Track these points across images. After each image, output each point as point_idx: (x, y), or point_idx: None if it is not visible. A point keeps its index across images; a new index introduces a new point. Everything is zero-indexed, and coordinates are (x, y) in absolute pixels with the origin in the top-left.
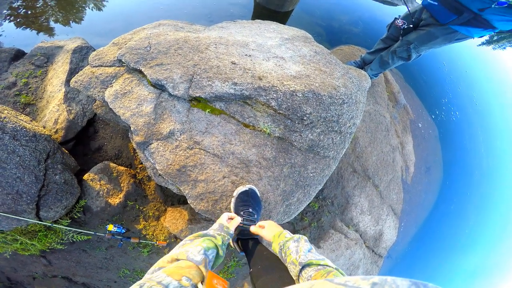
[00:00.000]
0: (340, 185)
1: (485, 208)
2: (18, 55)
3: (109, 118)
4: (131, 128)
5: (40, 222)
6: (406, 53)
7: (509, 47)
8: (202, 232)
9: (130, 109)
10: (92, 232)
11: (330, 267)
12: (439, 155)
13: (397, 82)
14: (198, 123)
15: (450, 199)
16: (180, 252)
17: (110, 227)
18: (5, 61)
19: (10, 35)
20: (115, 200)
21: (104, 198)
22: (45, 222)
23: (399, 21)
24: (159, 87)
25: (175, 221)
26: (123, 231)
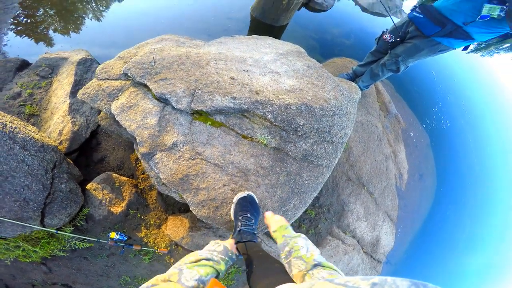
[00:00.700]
0: (336, 193)
1: (480, 212)
2: (23, 65)
3: (112, 130)
4: (137, 140)
5: (44, 229)
6: (395, 65)
7: (496, 54)
8: (207, 256)
9: (136, 121)
10: (95, 239)
11: (340, 274)
12: (432, 163)
13: (387, 92)
14: (199, 135)
15: (445, 205)
16: (174, 273)
17: (113, 235)
18: (10, 71)
19: (15, 44)
20: (117, 209)
21: (106, 207)
22: (49, 229)
23: (386, 35)
24: (163, 100)
25: (176, 228)
26: (125, 239)
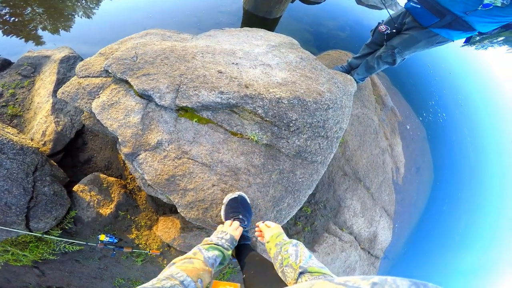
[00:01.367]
0: (332, 188)
1: (476, 206)
2: (4, 65)
3: (97, 129)
4: (119, 139)
5: (30, 233)
6: (391, 57)
7: (490, 47)
8: (217, 242)
9: (118, 120)
10: (84, 242)
11: (332, 277)
12: (428, 156)
13: (383, 85)
14: (185, 132)
15: (442, 199)
16: (196, 251)
17: (102, 237)
18: None
19: (2, 44)
20: (106, 211)
21: (95, 209)
22: (35, 233)
23: (382, 26)
24: (146, 97)
25: (168, 230)
26: (116, 241)
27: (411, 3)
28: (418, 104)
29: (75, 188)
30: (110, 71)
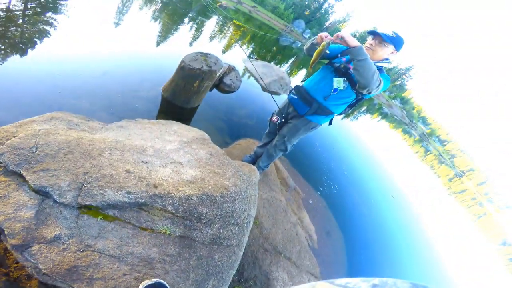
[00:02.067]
0: (257, 265)
1: (388, 250)
2: None
3: None
4: (5, 232)
5: None
6: (283, 145)
7: (359, 117)
8: None
9: (5, 213)
10: None
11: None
12: (333, 220)
13: (285, 167)
14: (89, 228)
15: (358, 250)
16: None
17: None
18: None
19: None
20: None
21: None
22: None
23: (274, 117)
24: (42, 193)
25: None
26: None
27: (291, 94)
28: (315, 180)
29: None
30: (2, 160)
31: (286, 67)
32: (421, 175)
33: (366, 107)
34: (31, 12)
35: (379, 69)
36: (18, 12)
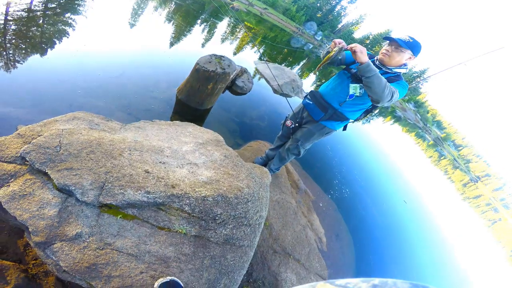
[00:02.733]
0: (266, 266)
1: (399, 254)
2: None
3: None
4: (29, 229)
5: None
6: (297, 149)
7: (372, 120)
8: None
9: (30, 211)
10: None
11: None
12: (343, 223)
13: (296, 170)
14: (108, 227)
15: (367, 254)
16: None
17: None
18: None
19: None
20: None
21: None
22: None
23: (288, 122)
24: (66, 192)
25: None
26: None
27: (306, 100)
28: (326, 184)
29: None
30: (28, 159)
31: (297, 69)
32: (434, 180)
33: (379, 110)
34: (51, 13)
35: (397, 75)
36: (39, 13)
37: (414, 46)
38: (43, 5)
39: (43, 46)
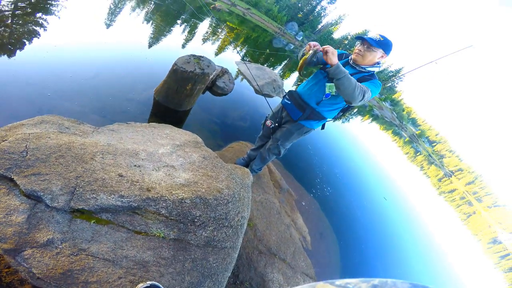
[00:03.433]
0: (252, 267)
1: (381, 250)
2: None
3: None
4: None
5: None
6: (277, 149)
7: (351, 119)
8: None
9: None
10: None
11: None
12: (326, 222)
13: (278, 170)
14: (82, 232)
15: (352, 252)
16: None
17: None
18: None
19: None
20: None
21: None
22: None
23: (268, 121)
24: (34, 197)
25: None
26: None
27: (285, 100)
28: (308, 183)
29: None
30: None
31: (278, 69)
32: (411, 175)
33: (357, 109)
34: (21, 13)
35: (371, 74)
36: (7, 13)
37: (385, 45)
38: (12, 5)
39: (10, 47)
